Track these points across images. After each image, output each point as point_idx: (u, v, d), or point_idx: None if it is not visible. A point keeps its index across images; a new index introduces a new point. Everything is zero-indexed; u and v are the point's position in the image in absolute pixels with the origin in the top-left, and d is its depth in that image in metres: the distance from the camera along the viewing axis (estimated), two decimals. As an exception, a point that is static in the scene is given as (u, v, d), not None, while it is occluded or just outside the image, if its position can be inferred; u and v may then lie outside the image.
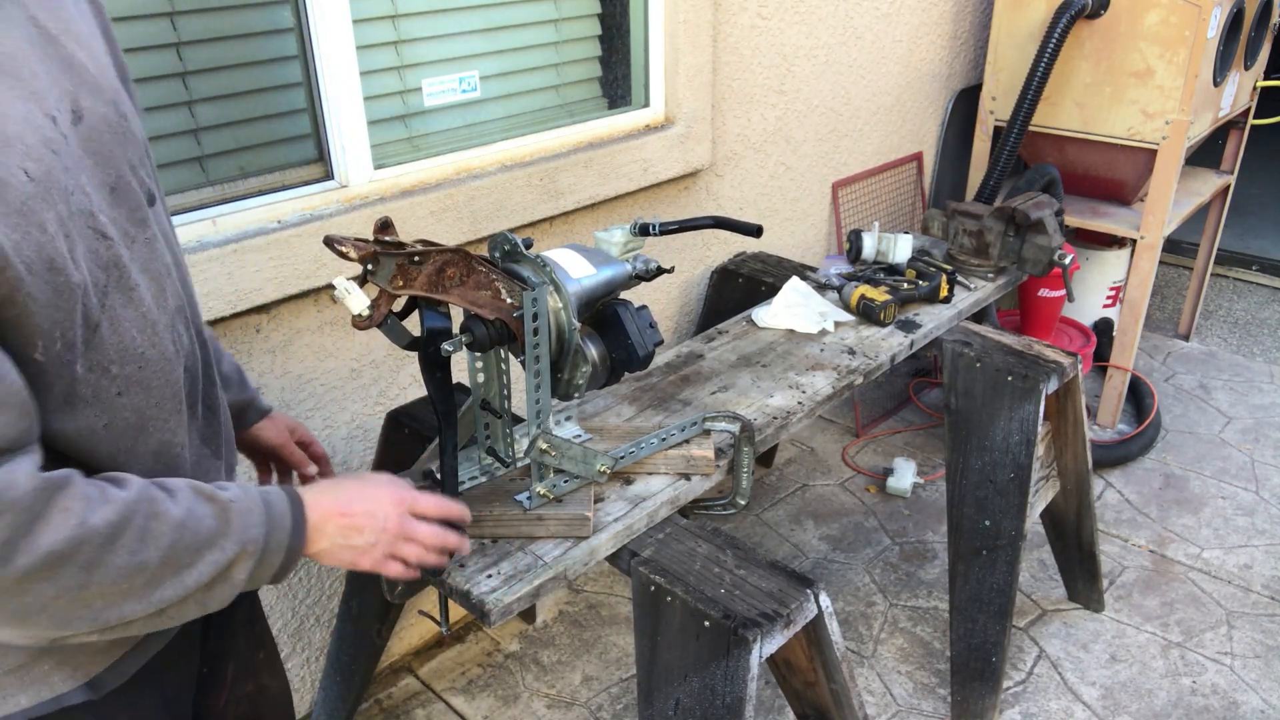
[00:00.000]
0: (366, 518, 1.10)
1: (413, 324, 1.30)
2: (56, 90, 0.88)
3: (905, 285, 2.27)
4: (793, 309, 2.21)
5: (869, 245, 2.43)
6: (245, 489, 1.02)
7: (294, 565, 1.04)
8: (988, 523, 2.13)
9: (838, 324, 2.20)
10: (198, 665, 1.22)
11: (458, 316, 1.35)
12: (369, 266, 1.17)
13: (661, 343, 1.45)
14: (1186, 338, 4.07)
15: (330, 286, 1.22)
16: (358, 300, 1.18)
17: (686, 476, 1.61)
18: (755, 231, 1.68)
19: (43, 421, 0.88)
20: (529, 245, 1.38)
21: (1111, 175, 3.20)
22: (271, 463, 1.44)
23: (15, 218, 0.79)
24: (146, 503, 0.91)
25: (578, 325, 1.36)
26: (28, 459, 0.83)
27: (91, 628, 0.89)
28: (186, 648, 1.16)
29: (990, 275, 2.44)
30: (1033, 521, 2.21)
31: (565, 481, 1.48)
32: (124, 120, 0.96)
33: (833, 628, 1.48)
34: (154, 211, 1.01)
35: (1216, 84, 3.01)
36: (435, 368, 1.30)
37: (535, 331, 1.32)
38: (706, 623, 1.36)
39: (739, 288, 2.67)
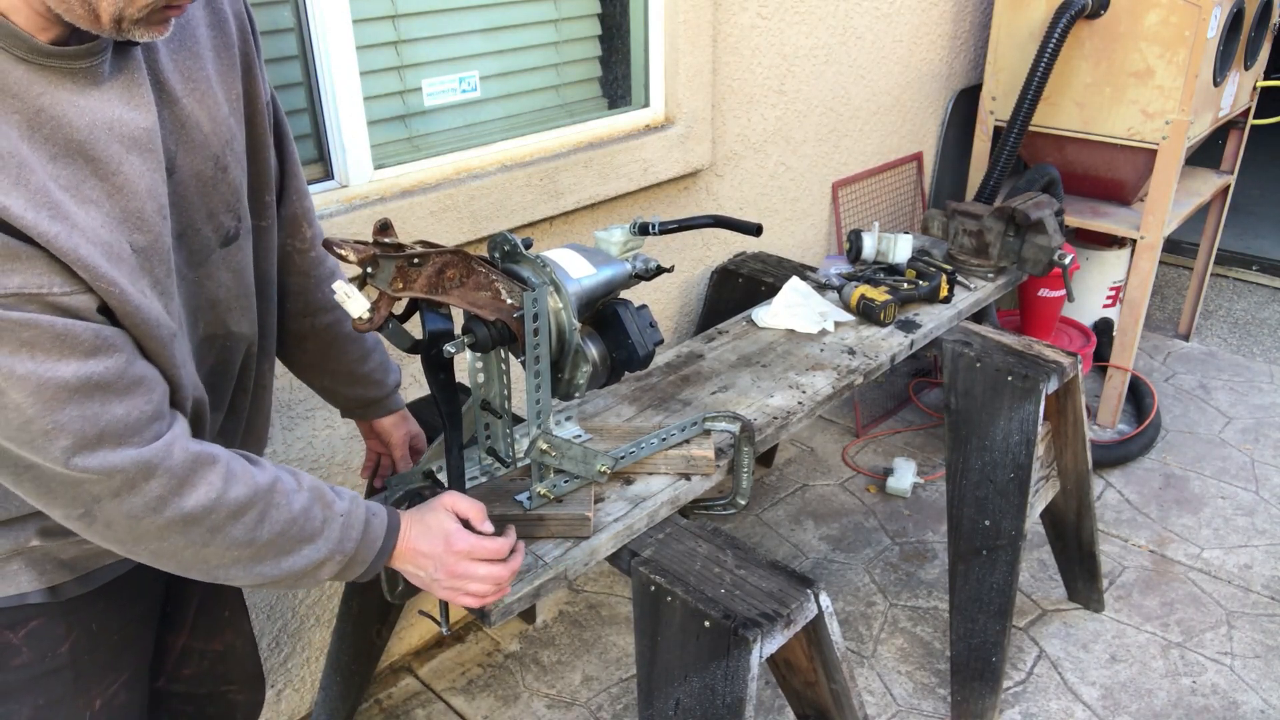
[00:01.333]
0: (427, 560, 1.21)
1: (413, 326, 1.30)
2: (164, 151, 1.02)
3: (905, 285, 2.27)
4: (793, 309, 2.21)
5: (869, 245, 2.43)
6: (356, 503, 1.16)
7: (374, 574, 1.19)
8: (988, 523, 2.13)
9: (838, 324, 2.20)
10: (157, 599, 1.33)
11: (458, 317, 1.35)
12: (368, 269, 1.17)
13: (661, 342, 1.45)
14: (1186, 338, 4.07)
15: (330, 289, 1.22)
16: (358, 303, 1.18)
17: (686, 476, 1.61)
18: (755, 230, 1.68)
19: None
20: (529, 245, 1.38)
21: (1111, 175, 3.20)
22: (379, 455, 1.62)
23: (128, 285, 0.94)
24: (275, 493, 1.07)
25: (578, 325, 1.36)
26: (180, 427, 1.01)
27: (203, 578, 1.07)
28: (147, 585, 1.27)
29: (990, 275, 2.44)
30: (1033, 521, 2.21)
31: (565, 481, 1.48)
32: (221, 172, 1.10)
33: (833, 628, 1.48)
34: (230, 250, 1.14)
35: (1216, 84, 3.01)
36: (438, 369, 1.30)
37: (535, 332, 1.32)
38: (706, 623, 1.36)
39: (739, 288, 2.67)
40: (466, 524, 1.24)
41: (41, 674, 1.16)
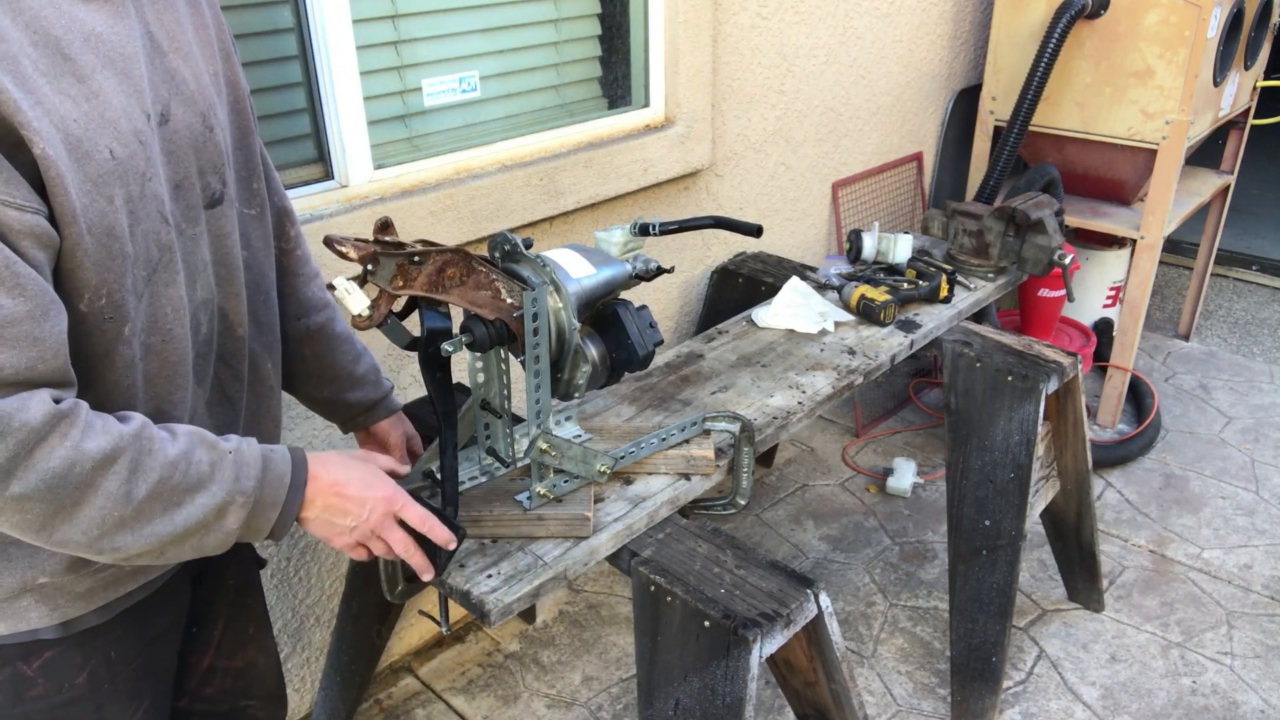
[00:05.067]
0: (355, 504, 1.15)
1: (413, 324, 1.30)
2: (153, 94, 1.02)
3: (905, 285, 2.27)
4: (793, 309, 2.21)
5: (869, 245, 2.43)
6: (250, 444, 1.08)
7: (289, 523, 1.10)
8: (988, 523, 2.13)
9: (838, 324, 2.20)
10: (182, 622, 1.28)
11: (458, 316, 1.35)
12: (369, 266, 1.17)
13: (661, 343, 1.45)
14: (1186, 338, 4.07)
15: (330, 286, 1.22)
16: (358, 300, 1.18)
17: (686, 476, 1.61)
18: (755, 231, 1.68)
19: (87, 370, 0.98)
20: (529, 245, 1.38)
21: (1111, 175, 3.20)
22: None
23: (89, 185, 0.92)
24: (144, 440, 0.97)
25: (578, 325, 1.36)
26: (46, 393, 0.91)
27: (91, 554, 0.96)
28: (168, 604, 1.22)
29: (990, 275, 2.44)
30: (1033, 521, 2.21)
31: (565, 481, 1.48)
32: (208, 131, 1.10)
33: (833, 628, 1.48)
34: (215, 212, 1.13)
35: (1216, 84, 3.01)
36: (435, 368, 1.30)
37: (535, 331, 1.32)
38: (706, 623, 1.36)
39: (739, 288, 2.67)
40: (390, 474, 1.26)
41: (59, 704, 1.12)
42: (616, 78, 2.51)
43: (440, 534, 1.24)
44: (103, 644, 1.14)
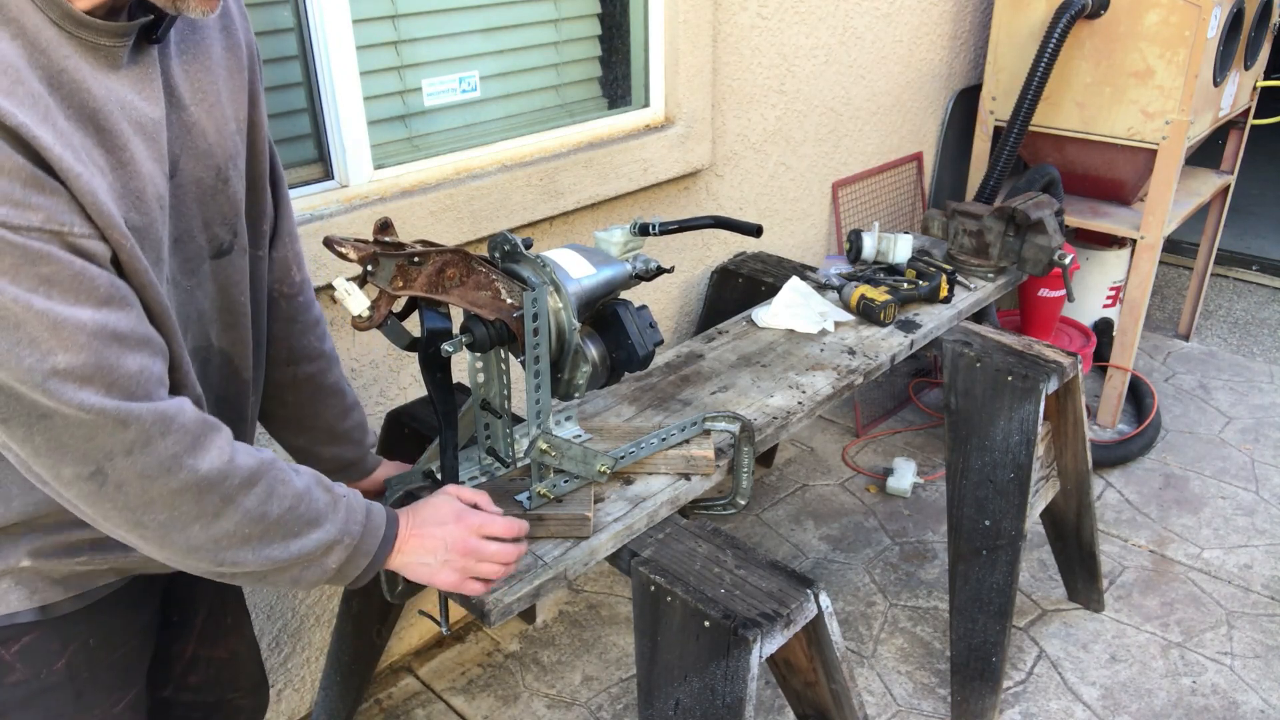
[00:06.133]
0: (433, 539, 1.22)
1: (413, 324, 1.30)
2: (169, 150, 1.03)
3: (905, 285, 2.27)
4: (793, 309, 2.21)
5: (869, 245, 2.43)
6: (357, 495, 1.16)
7: (375, 571, 1.17)
8: (988, 523, 2.13)
9: (838, 324, 2.20)
10: (156, 611, 1.30)
11: (458, 317, 1.35)
12: (369, 267, 1.17)
13: (661, 343, 1.45)
14: (1186, 338, 4.07)
15: (330, 287, 1.22)
16: (358, 301, 1.18)
17: (686, 476, 1.61)
18: (755, 231, 1.68)
19: None
20: (529, 245, 1.38)
21: (1111, 175, 3.20)
22: None
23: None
24: (278, 469, 1.06)
25: (578, 325, 1.36)
26: (186, 398, 0.99)
27: (211, 564, 1.02)
28: (143, 595, 1.24)
29: (990, 275, 2.44)
30: (1033, 521, 2.21)
31: (565, 481, 1.48)
32: (222, 184, 1.11)
33: (833, 628, 1.48)
34: (221, 262, 1.14)
35: (1216, 84, 3.01)
36: (435, 368, 1.30)
37: (535, 332, 1.32)
38: (706, 623, 1.36)
39: (739, 288, 2.67)
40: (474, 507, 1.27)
41: (38, 691, 1.14)
42: (616, 78, 2.51)
43: (524, 529, 1.29)
44: (82, 631, 1.15)
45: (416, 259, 1.21)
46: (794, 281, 2.32)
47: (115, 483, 0.93)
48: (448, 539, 1.21)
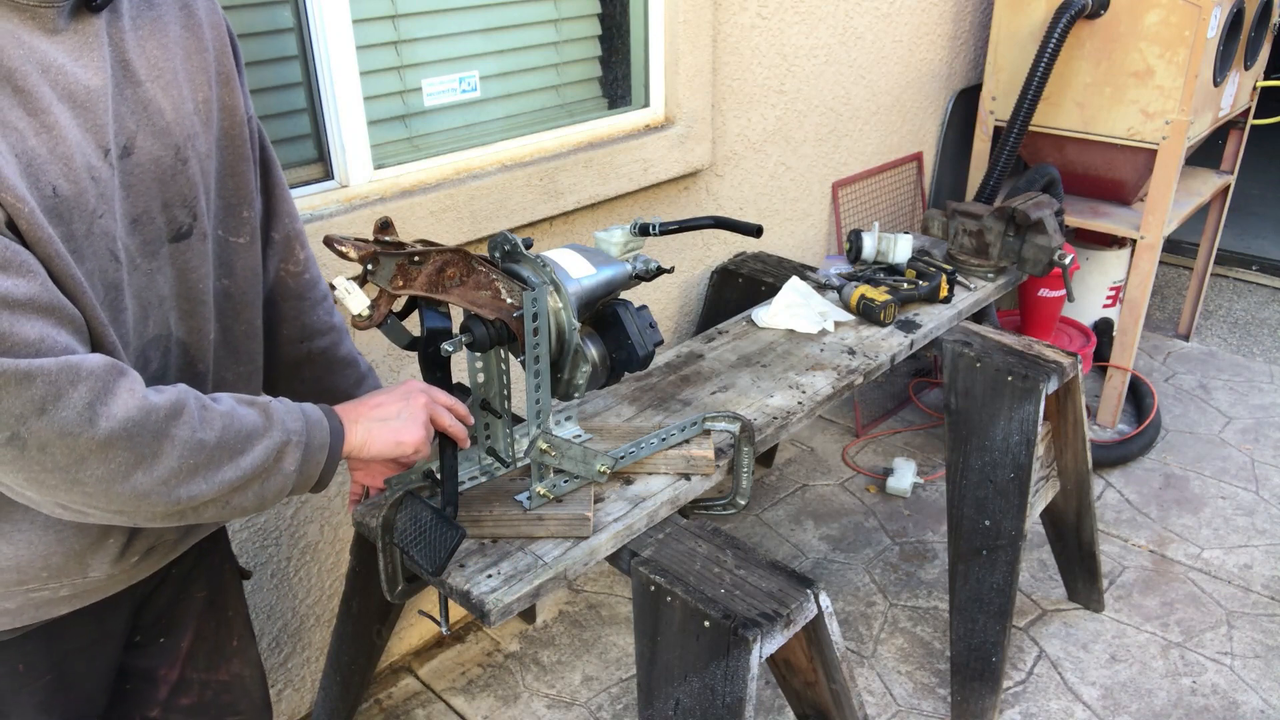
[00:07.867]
0: (388, 402, 1.23)
1: (413, 324, 1.30)
2: (117, 126, 1.01)
3: (905, 285, 2.27)
4: (793, 309, 2.21)
5: (869, 245, 2.43)
6: (281, 399, 1.13)
7: (336, 462, 1.14)
8: (988, 523, 2.13)
9: (838, 324, 2.20)
10: (118, 638, 1.27)
11: (458, 316, 1.35)
12: (369, 266, 1.17)
13: (661, 343, 1.45)
14: (1186, 338, 4.07)
15: (331, 287, 1.22)
16: (358, 300, 1.18)
17: (686, 476, 1.61)
18: (755, 231, 1.68)
19: None
20: (529, 245, 1.38)
21: (1111, 175, 3.20)
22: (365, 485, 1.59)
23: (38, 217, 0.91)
24: (194, 395, 1.02)
25: (578, 325, 1.36)
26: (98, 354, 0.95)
27: (167, 506, 0.99)
28: (91, 621, 1.20)
29: (990, 275, 2.44)
30: (1033, 521, 2.21)
31: (565, 481, 1.48)
32: (180, 164, 1.08)
33: (833, 628, 1.48)
34: (180, 246, 1.11)
35: (1216, 84, 3.01)
36: (435, 368, 1.30)
37: (535, 331, 1.32)
38: (706, 623, 1.36)
39: (739, 288, 2.67)
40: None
41: None
42: (616, 78, 2.51)
43: (464, 411, 1.32)
44: (11, 655, 1.13)
45: (416, 258, 1.21)
46: (794, 281, 2.32)
47: (37, 445, 0.89)
48: (398, 395, 1.23)
